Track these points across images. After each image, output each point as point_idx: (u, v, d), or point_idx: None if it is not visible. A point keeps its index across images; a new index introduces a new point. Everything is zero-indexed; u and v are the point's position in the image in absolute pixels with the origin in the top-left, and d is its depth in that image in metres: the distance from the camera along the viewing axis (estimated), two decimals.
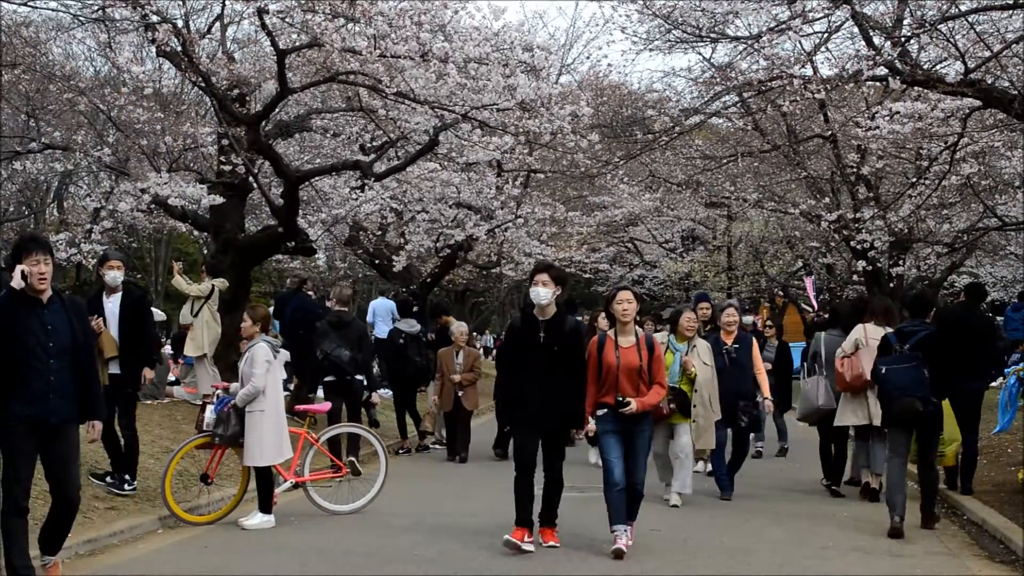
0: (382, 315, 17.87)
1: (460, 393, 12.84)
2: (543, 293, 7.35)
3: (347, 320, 11.83)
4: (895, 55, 10.83)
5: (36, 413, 5.86)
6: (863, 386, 9.35)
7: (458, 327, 13.48)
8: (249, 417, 8.28)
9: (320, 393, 16.45)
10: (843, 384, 9.46)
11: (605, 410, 7.29)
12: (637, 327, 7.94)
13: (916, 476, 8.88)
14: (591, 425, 7.35)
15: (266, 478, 8.36)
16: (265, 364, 8.31)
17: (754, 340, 10.36)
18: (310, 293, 15.00)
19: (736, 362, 9.90)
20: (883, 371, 8.25)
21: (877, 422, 9.18)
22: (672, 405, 8.97)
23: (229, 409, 8.36)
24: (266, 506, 8.32)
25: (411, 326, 13.64)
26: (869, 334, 9.44)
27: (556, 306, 7.43)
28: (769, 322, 16.07)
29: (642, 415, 7.30)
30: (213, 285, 12.62)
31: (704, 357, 9.46)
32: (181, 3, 13.04)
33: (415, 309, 14.61)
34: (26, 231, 8.52)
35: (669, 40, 13.71)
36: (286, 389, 15.07)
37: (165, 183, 12.65)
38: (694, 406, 9.30)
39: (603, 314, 9.38)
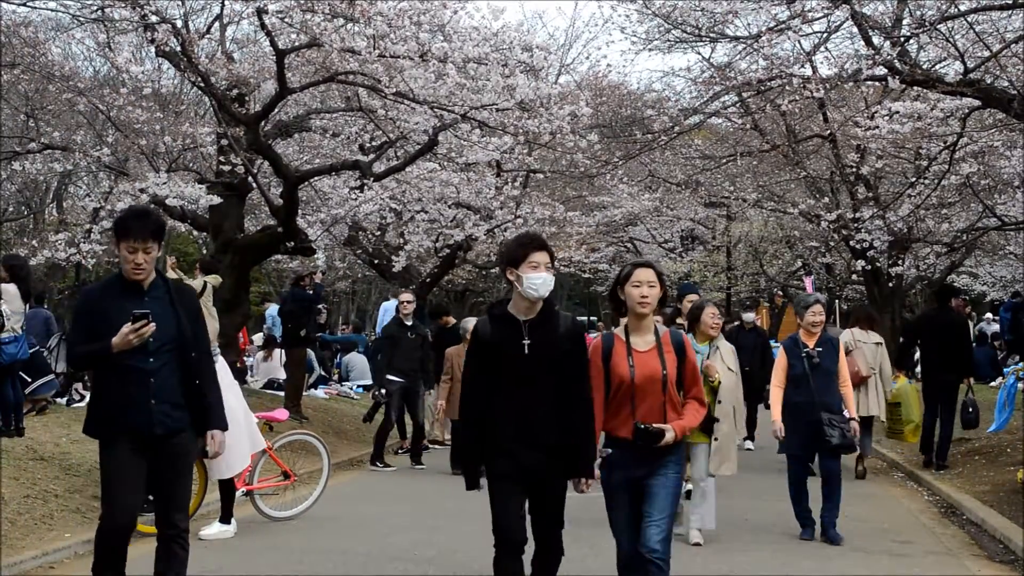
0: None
1: None
2: (542, 282, 4.81)
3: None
4: (894, 55, 10.84)
5: (137, 423, 4.92)
6: (859, 382, 10.52)
7: (468, 323, 12.14)
8: None
9: (317, 391, 16.48)
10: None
11: (609, 450, 5.02)
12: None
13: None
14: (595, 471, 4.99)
15: (230, 488, 7.97)
16: (229, 370, 7.85)
17: (841, 344, 8.55)
18: (310, 291, 14.96)
19: (819, 368, 8.05)
20: None
21: (870, 413, 10.95)
22: None
23: None
24: (227, 516, 7.99)
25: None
26: (857, 337, 11.09)
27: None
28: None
29: (670, 449, 4.95)
30: (206, 282, 12.61)
31: (728, 361, 8.03)
32: (180, 3, 13.06)
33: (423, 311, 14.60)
34: (132, 206, 8.19)
35: (668, 40, 13.74)
36: (280, 386, 15.13)
37: (164, 183, 12.65)
38: (717, 420, 7.72)
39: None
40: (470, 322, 11.69)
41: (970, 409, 11.42)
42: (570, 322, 5.00)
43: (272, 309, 19.69)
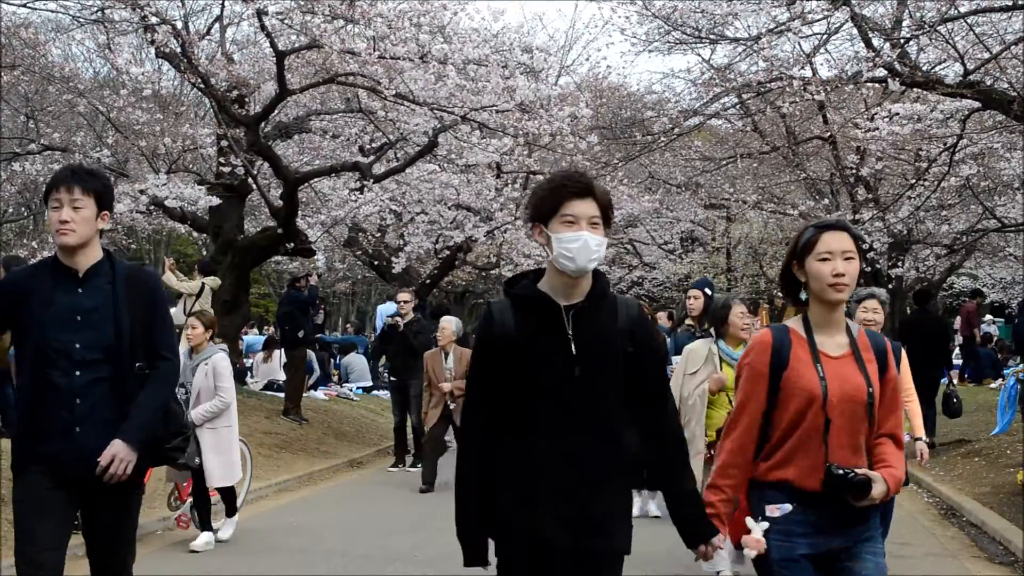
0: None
1: (452, 406, 10.23)
2: (581, 245, 3.04)
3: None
4: (894, 56, 10.85)
5: (56, 453, 3.70)
6: None
7: (445, 322, 10.95)
8: (213, 434, 7.34)
9: (317, 392, 16.48)
10: None
11: (788, 506, 3.23)
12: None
13: None
14: (756, 535, 3.21)
15: (232, 492, 7.74)
16: (231, 375, 7.58)
17: (903, 351, 6.61)
18: (305, 292, 14.94)
19: None
20: None
21: None
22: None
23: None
24: (233, 511, 7.78)
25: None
26: None
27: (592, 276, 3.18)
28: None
29: (876, 510, 3.28)
30: (204, 283, 12.61)
31: None
32: (180, 4, 13.06)
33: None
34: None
35: (668, 41, 13.74)
36: (280, 388, 15.11)
37: (164, 184, 12.66)
38: None
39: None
40: (448, 320, 10.99)
41: (954, 399, 11.94)
42: (633, 310, 3.16)
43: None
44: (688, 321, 8.36)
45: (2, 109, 14.92)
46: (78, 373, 3.66)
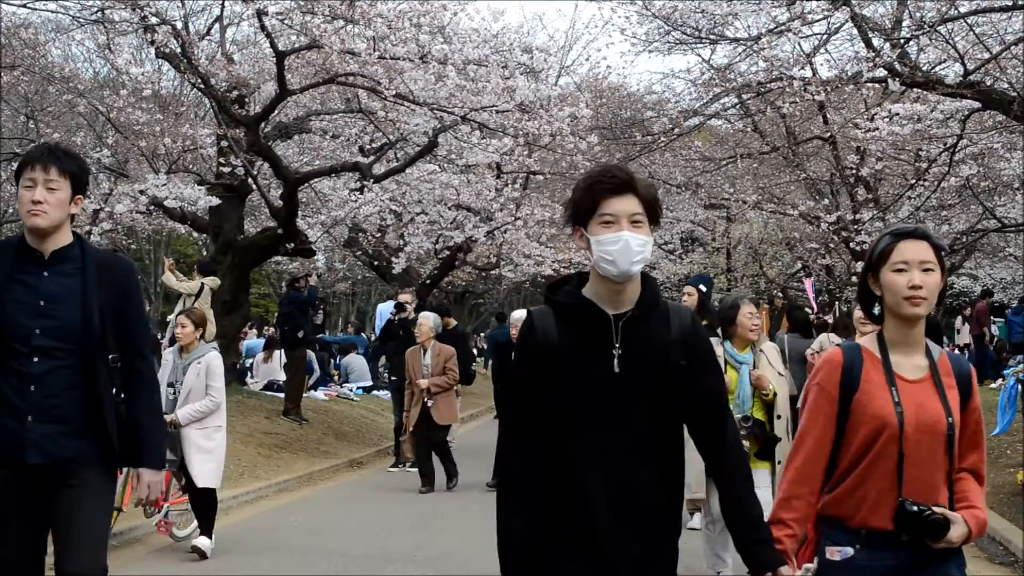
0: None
1: (430, 403, 10.15)
2: (621, 247, 2.74)
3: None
4: (894, 57, 10.85)
5: (5, 442, 3.46)
6: None
7: (423, 318, 10.83)
8: (202, 434, 7.14)
9: (317, 392, 16.48)
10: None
11: (849, 550, 2.90)
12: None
13: None
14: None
15: (213, 503, 7.43)
16: (223, 374, 7.36)
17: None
18: (304, 292, 14.94)
19: None
20: None
21: None
22: (747, 444, 5.83)
23: (172, 429, 6.99)
24: (209, 529, 7.35)
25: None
26: (832, 340, 11.32)
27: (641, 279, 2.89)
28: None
29: (956, 556, 2.95)
30: (203, 283, 12.61)
31: (778, 366, 6.43)
32: (180, 5, 13.06)
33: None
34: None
35: (668, 42, 13.74)
36: (280, 388, 15.11)
37: (163, 184, 12.66)
38: (779, 440, 6.12)
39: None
40: (426, 316, 10.87)
41: None
42: (687, 318, 2.88)
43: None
44: None
45: (2, 109, 14.91)
46: (36, 360, 3.42)
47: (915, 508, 2.80)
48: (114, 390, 3.54)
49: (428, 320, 10.68)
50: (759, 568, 2.77)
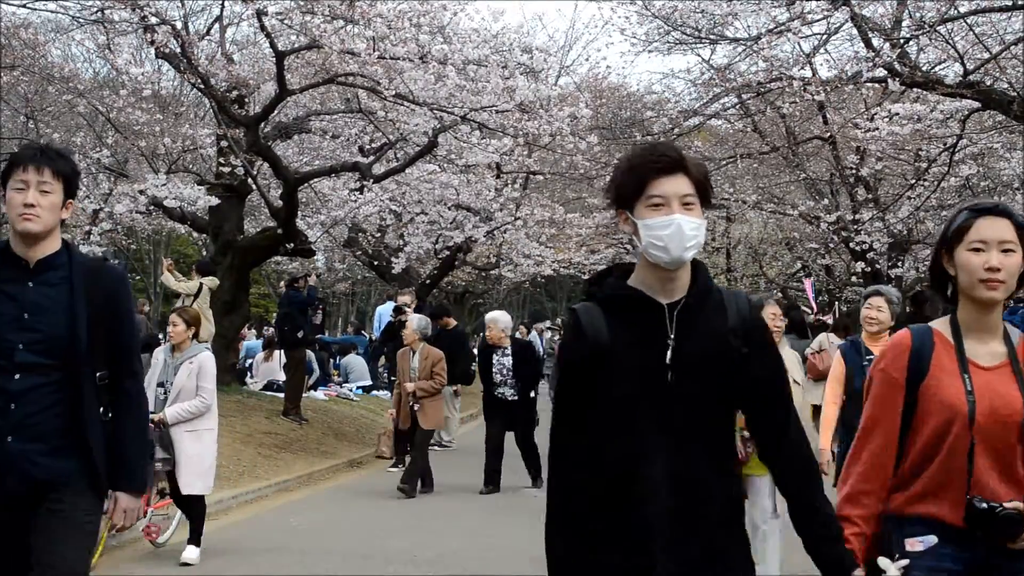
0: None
1: (416, 407, 9.95)
2: (673, 231, 2.52)
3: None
4: (894, 57, 10.85)
5: None
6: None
7: (409, 320, 10.81)
8: (193, 437, 6.90)
9: (316, 392, 16.49)
10: (815, 372, 10.43)
11: (933, 538, 2.71)
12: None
13: None
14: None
15: (200, 505, 7.16)
16: (214, 375, 7.17)
17: None
18: (304, 292, 14.94)
19: None
20: None
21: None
22: (750, 448, 5.54)
23: (159, 430, 6.78)
24: (197, 537, 7.08)
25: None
26: (833, 341, 11.59)
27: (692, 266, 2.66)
28: None
29: None
30: (202, 283, 12.60)
31: (795, 373, 5.97)
32: (180, 5, 13.07)
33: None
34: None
35: (668, 42, 13.74)
36: (280, 388, 15.11)
37: (163, 184, 12.67)
38: None
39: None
40: (414, 319, 10.65)
41: None
42: (744, 304, 2.64)
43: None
44: None
45: (2, 109, 14.93)
46: (18, 377, 3.16)
47: (984, 505, 2.60)
48: (100, 409, 3.29)
49: (413, 322, 10.53)
50: (832, 570, 2.56)
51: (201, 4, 16.02)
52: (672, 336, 2.51)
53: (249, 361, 18.56)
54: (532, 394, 10.59)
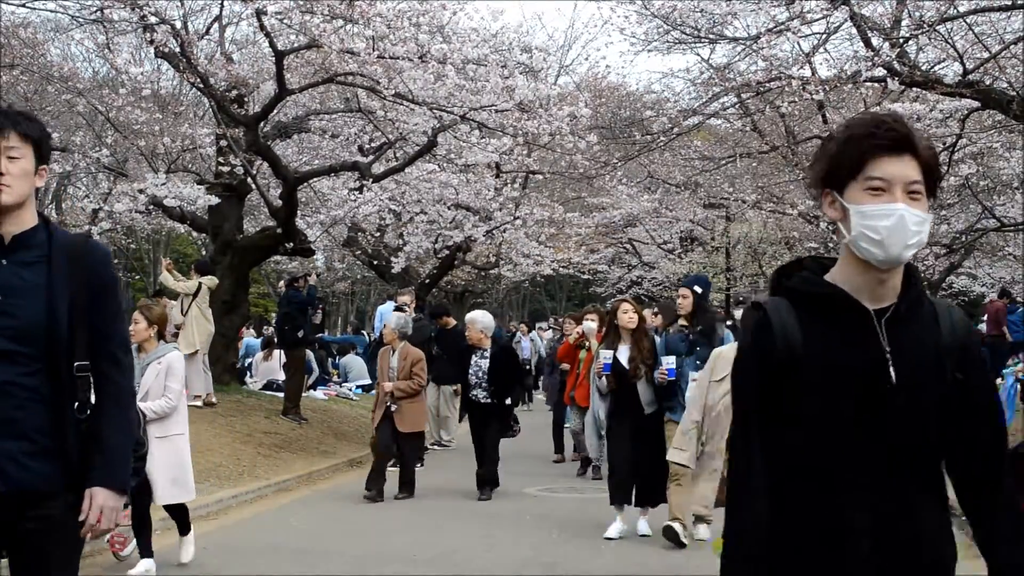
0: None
1: (393, 408, 9.73)
2: (894, 224, 2.06)
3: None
4: (893, 56, 10.85)
5: None
6: None
7: (391, 319, 10.57)
8: (164, 444, 6.53)
9: (316, 392, 16.49)
10: None
11: None
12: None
13: None
14: None
15: (183, 506, 6.87)
16: (183, 377, 6.80)
17: None
18: (304, 292, 14.93)
19: None
20: None
21: None
22: None
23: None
24: (186, 527, 6.87)
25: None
26: None
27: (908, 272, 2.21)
28: None
29: None
30: (201, 283, 12.60)
31: None
32: (179, 4, 13.05)
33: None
34: None
35: (668, 41, 13.72)
36: (279, 387, 15.12)
37: (163, 184, 12.67)
38: None
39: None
40: (394, 317, 10.43)
41: None
42: (959, 319, 2.21)
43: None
44: (681, 321, 7.87)
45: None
46: None
47: None
48: (77, 404, 2.86)
49: (391, 321, 10.31)
50: None
51: (200, 4, 16.01)
52: (887, 347, 2.09)
53: (248, 360, 18.57)
54: (507, 400, 10.06)
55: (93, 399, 2.90)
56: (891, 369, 2.07)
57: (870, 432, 2.07)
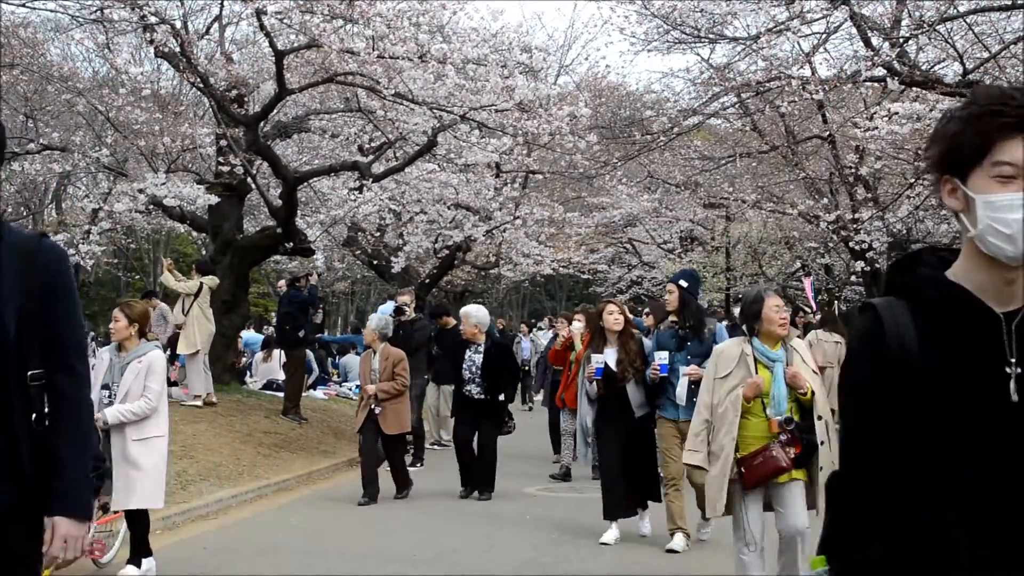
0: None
1: (377, 411, 9.50)
2: None
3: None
4: (893, 56, 10.86)
5: None
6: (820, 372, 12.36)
7: (372, 320, 10.31)
8: (142, 446, 6.24)
9: (316, 391, 16.50)
10: None
11: None
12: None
13: None
14: None
15: (145, 519, 6.47)
16: (164, 377, 6.53)
17: None
18: (305, 292, 14.93)
19: None
20: None
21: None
22: (791, 450, 5.31)
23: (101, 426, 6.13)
24: (147, 550, 6.47)
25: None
26: (820, 337, 11.92)
27: None
28: None
29: None
30: (202, 283, 12.60)
31: (812, 363, 5.81)
32: (179, 4, 13.07)
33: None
34: None
35: (668, 41, 13.74)
36: (279, 387, 15.12)
37: (163, 184, 12.68)
38: (822, 443, 5.35)
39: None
40: (372, 319, 10.24)
41: None
42: None
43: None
44: (672, 317, 7.63)
45: (1, 108, 14.91)
46: None
47: None
48: (34, 417, 2.60)
49: (371, 322, 10.13)
50: None
51: (200, 3, 16.03)
52: (1014, 360, 1.81)
53: (248, 360, 18.57)
54: (501, 397, 9.97)
55: (48, 412, 2.65)
56: (1012, 385, 1.79)
57: (992, 454, 1.79)
